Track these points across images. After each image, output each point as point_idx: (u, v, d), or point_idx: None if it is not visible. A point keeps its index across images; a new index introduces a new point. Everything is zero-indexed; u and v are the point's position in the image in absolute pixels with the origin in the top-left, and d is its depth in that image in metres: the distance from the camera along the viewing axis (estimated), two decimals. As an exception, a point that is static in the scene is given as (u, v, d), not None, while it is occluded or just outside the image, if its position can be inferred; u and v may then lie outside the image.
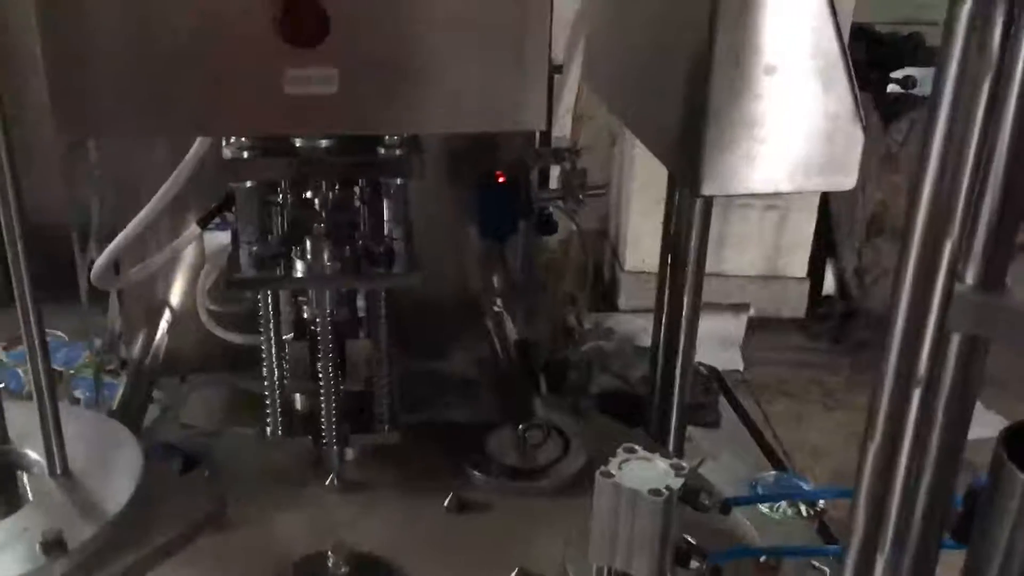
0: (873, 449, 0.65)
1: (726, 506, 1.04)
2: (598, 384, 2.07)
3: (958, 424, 0.71)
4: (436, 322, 1.70)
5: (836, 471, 3.28)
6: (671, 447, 1.82)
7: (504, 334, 1.70)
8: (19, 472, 0.99)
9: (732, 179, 1.43)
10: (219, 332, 1.52)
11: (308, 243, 1.29)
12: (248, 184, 1.29)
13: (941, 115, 0.57)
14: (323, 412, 1.39)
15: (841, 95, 1.41)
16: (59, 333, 1.95)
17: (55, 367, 1.86)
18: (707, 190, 1.43)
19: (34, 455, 0.96)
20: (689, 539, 1.09)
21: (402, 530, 1.36)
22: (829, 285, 4.62)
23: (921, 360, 0.62)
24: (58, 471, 0.93)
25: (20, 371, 1.84)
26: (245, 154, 1.25)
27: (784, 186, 1.46)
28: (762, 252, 4.49)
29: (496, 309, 1.75)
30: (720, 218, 4.36)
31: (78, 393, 1.75)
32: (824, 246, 4.53)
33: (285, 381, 1.41)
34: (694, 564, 0.98)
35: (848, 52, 1.40)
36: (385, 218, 1.35)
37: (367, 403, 1.45)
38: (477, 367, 1.71)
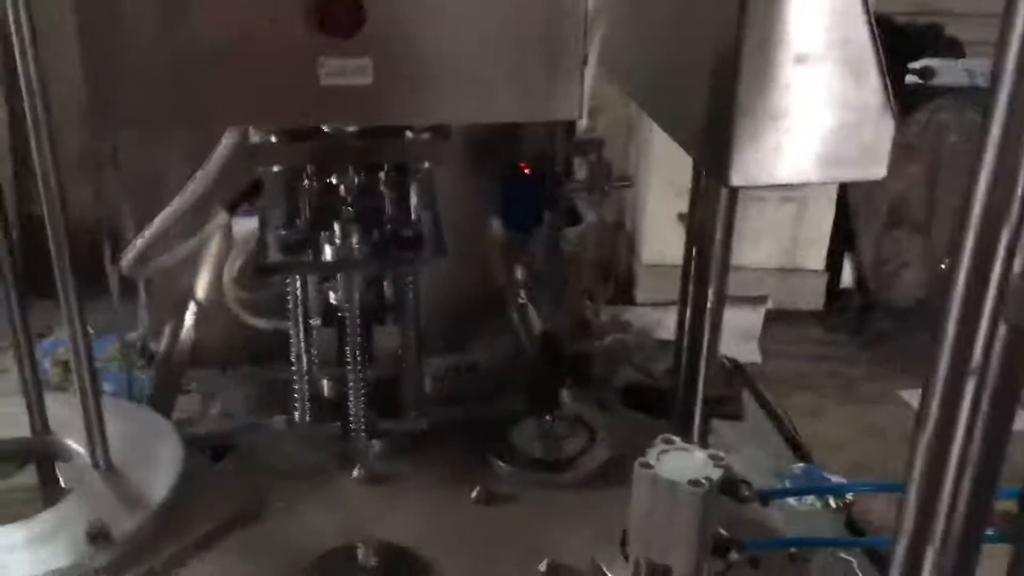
0: (924, 440, 0.64)
1: (765, 498, 1.03)
2: (621, 377, 2.07)
3: (1005, 416, 0.71)
4: (460, 313, 1.70)
5: (854, 464, 3.27)
6: (695, 439, 1.81)
7: (529, 326, 1.70)
8: (57, 463, 0.99)
9: (761, 170, 1.41)
10: (246, 318, 1.52)
11: (337, 227, 1.29)
12: (276, 169, 1.29)
13: (1000, 103, 0.56)
14: (351, 398, 1.40)
15: (872, 84, 1.39)
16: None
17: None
18: (736, 181, 1.41)
19: (75, 446, 0.96)
20: (721, 530, 1.09)
21: (430, 522, 1.36)
22: (847, 277, 4.61)
23: (976, 350, 0.62)
24: (100, 462, 0.93)
25: (46, 363, 1.85)
26: (273, 139, 1.26)
27: (814, 176, 1.45)
28: (779, 244, 4.48)
29: (520, 301, 1.75)
30: (737, 211, 4.36)
31: (106, 386, 1.75)
32: (842, 238, 4.51)
33: (314, 368, 1.41)
34: (732, 556, 0.98)
35: (879, 41, 1.39)
36: (412, 203, 1.35)
37: (395, 391, 1.45)
38: (503, 359, 1.70)
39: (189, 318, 1.69)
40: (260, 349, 1.66)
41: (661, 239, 4.30)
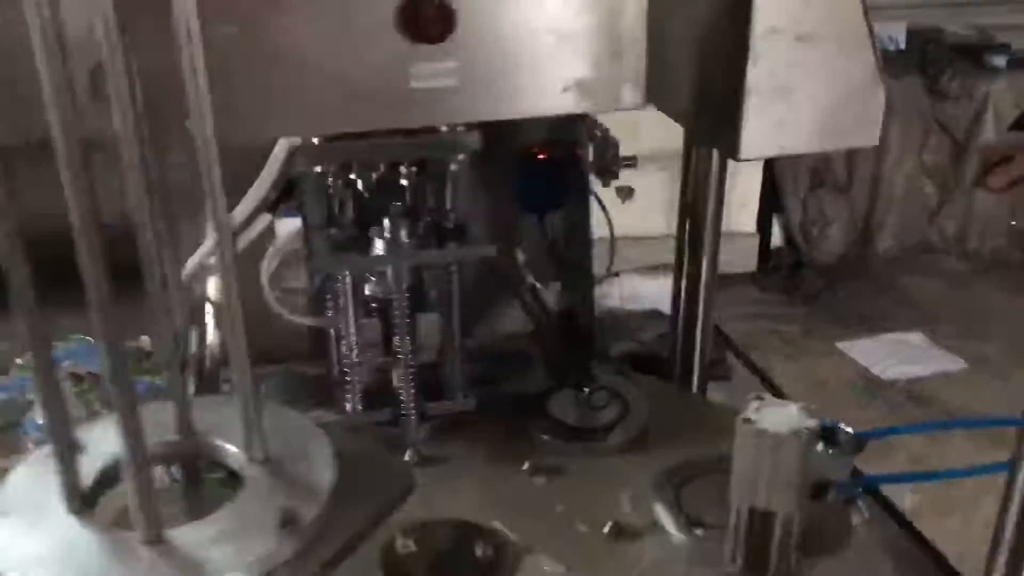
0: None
1: (860, 443, 1.13)
2: (618, 347, 2.16)
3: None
4: (479, 297, 1.75)
5: (810, 415, 3.45)
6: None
7: (544, 305, 1.76)
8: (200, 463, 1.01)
9: (767, 143, 1.50)
10: (289, 316, 1.54)
11: (387, 222, 1.34)
12: (317, 169, 1.34)
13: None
14: (401, 385, 1.45)
15: (866, 58, 1.50)
16: (85, 336, 1.95)
17: (91, 371, 1.86)
18: (745, 155, 1.50)
19: (228, 445, 1.00)
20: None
21: (489, 496, 1.42)
22: (776, 238, 4.82)
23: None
24: (259, 458, 0.97)
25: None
26: (314, 140, 1.30)
27: (814, 146, 1.56)
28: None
29: (530, 281, 1.82)
30: (671, 180, 4.51)
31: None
32: (770, 201, 4.71)
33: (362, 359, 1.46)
34: (830, 496, 1.07)
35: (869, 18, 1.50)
36: (451, 194, 1.41)
37: (436, 375, 1.52)
38: (526, 339, 1.77)
39: (210, 320, 1.71)
40: (278, 347, 1.69)
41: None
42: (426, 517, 1.33)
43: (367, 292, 1.51)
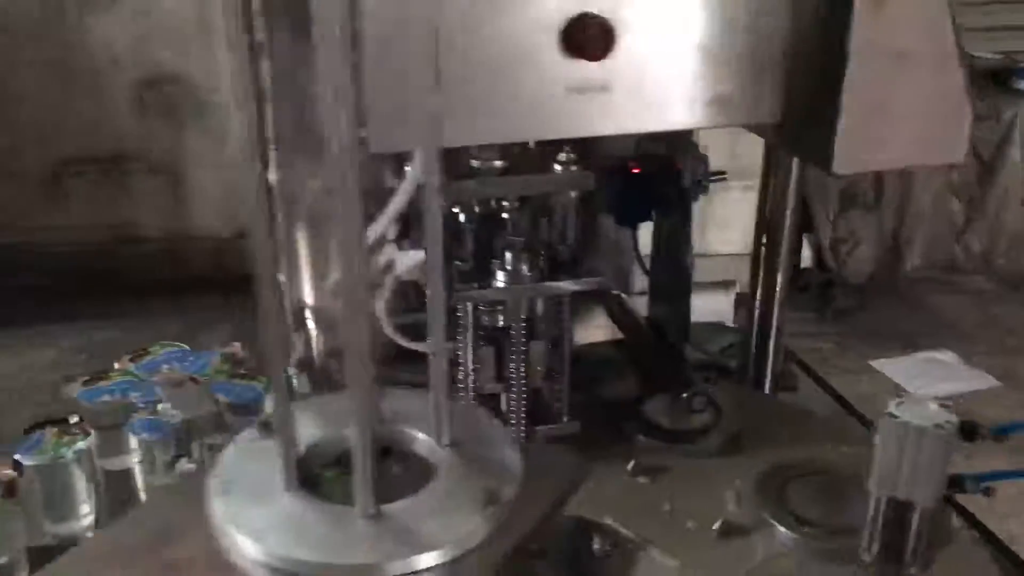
0: None
1: (1001, 434, 1.18)
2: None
3: None
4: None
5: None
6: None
7: (632, 315, 1.82)
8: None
9: (862, 158, 1.56)
10: (404, 342, 1.58)
11: (507, 256, 1.42)
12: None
13: None
14: (513, 409, 1.51)
15: (955, 76, 1.56)
16: (180, 344, 2.01)
17: (193, 376, 1.91)
18: (838, 169, 1.55)
19: (416, 432, 1.05)
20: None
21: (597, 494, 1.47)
22: (806, 258, 4.87)
23: None
24: (447, 443, 1.02)
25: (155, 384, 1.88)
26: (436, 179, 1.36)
27: (904, 162, 1.61)
28: (744, 230, 4.67)
29: (613, 292, 1.88)
30: (703, 200, 4.57)
31: (221, 397, 1.81)
32: (801, 220, 4.75)
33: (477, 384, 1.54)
34: (969, 488, 1.12)
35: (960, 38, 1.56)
36: (563, 227, 1.48)
37: (540, 398, 1.60)
38: (611, 346, 1.83)
39: (311, 324, 1.76)
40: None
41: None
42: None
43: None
